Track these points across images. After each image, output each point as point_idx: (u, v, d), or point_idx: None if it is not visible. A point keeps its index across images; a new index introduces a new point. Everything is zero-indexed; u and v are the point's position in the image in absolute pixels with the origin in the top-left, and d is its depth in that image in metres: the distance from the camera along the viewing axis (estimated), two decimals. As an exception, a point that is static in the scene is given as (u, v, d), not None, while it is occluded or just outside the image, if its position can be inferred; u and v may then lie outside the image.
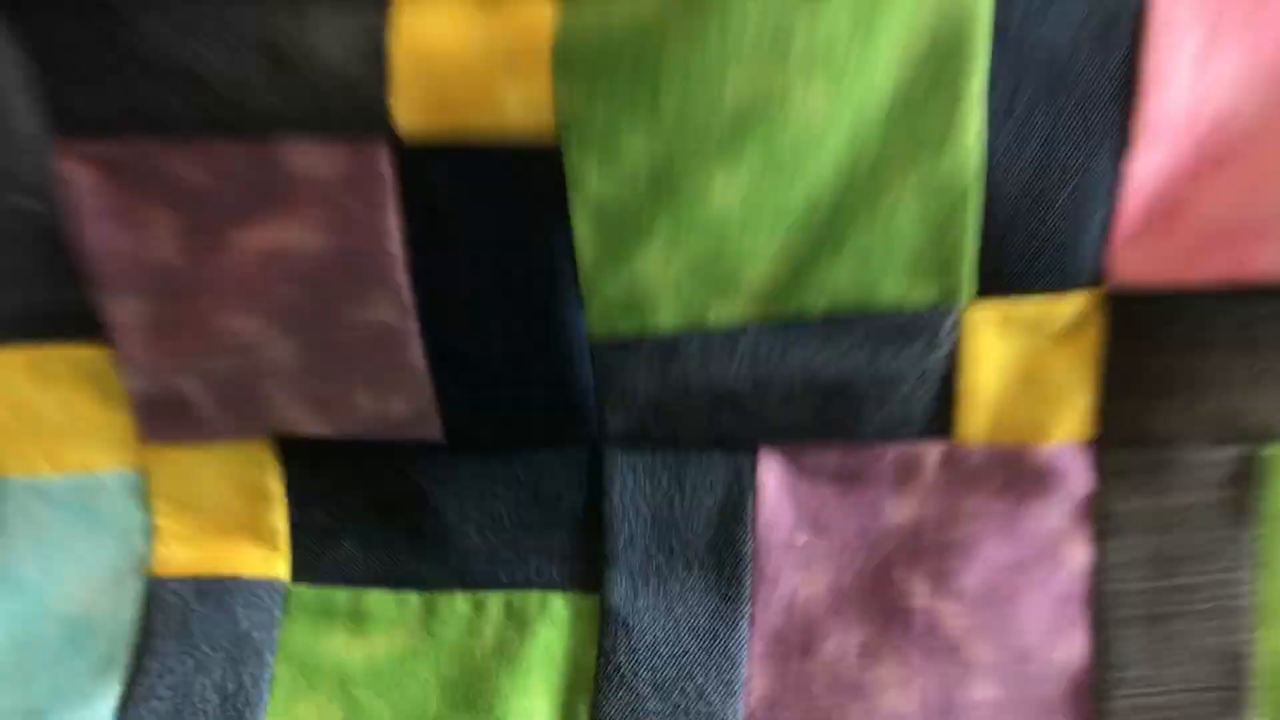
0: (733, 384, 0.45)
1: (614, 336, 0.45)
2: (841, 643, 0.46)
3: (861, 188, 0.41)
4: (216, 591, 0.48)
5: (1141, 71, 0.40)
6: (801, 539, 0.46)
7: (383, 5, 0.40)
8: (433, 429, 0.46)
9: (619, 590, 0.47)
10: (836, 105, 0.40)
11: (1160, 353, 0.43)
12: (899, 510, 0.45)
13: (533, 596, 0.48)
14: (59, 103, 0.41)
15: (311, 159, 0.42)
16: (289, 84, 0.41)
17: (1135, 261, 0.42)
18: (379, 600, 0.49)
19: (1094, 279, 0.43)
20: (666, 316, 0.44)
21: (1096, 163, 0.41)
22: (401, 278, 0.44)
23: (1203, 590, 0.44)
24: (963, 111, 0.40)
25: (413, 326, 0.45)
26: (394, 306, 0.44)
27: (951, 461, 0.44)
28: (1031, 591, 0.44)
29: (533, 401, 0.46)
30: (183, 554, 0.49)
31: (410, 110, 0.41)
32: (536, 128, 0.41)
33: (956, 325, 0.43)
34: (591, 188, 0.42)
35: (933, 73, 0.40)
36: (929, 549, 0.45)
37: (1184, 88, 0.40)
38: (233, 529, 0.49)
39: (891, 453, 0.45)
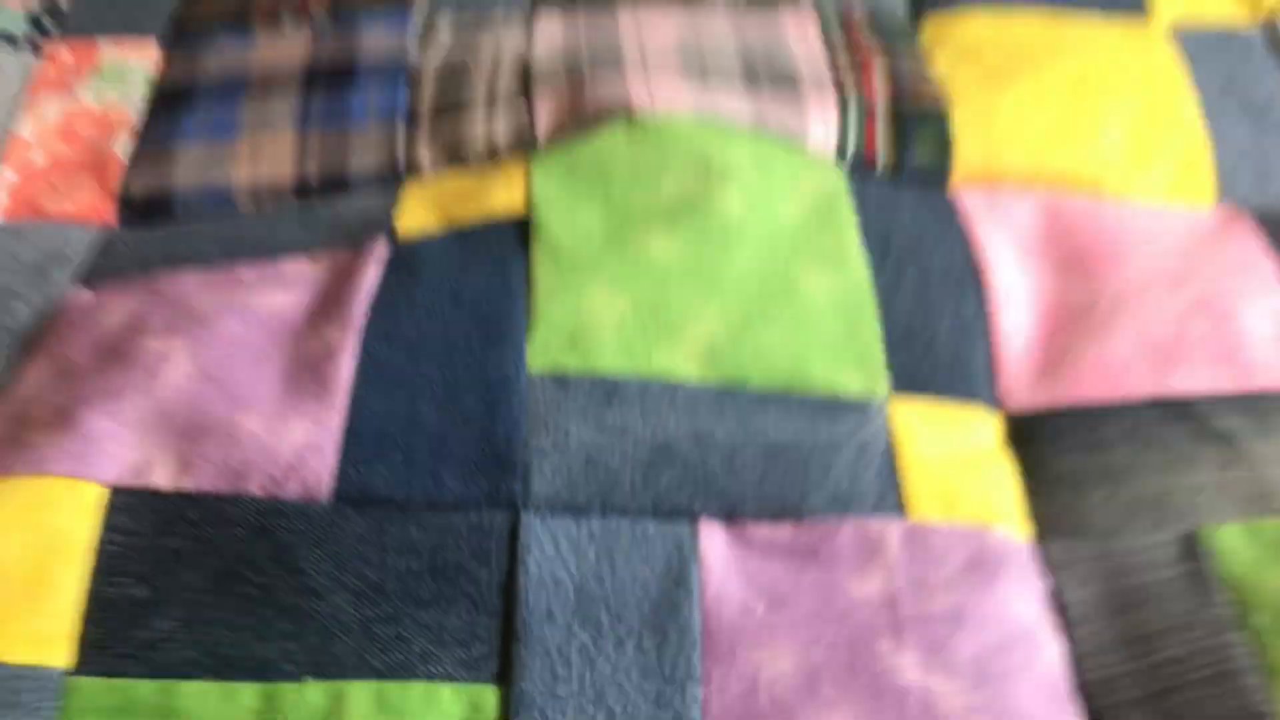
0: (673, 435, 0.42)
1: (555, 370, 0.43)
2: None
3: (781, 273, 0.47)
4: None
5: (980, 261, 0.50)
6: (759, 609, 0.39)
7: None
8: (323, 469, 0.39)
9: (533, 675, 0.37)
10: (750, 211, 0.48)
11: (1070, 456, 0.44)
12: (864, 585, 0.40)
13: (414, 688, 0.36)
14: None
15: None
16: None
17: (1031, 387, 0.47)
18: (198, 694, 0.35)
19: (998, 398, 0.46)
20: (610, 356, 0.44)
21: (964, 307, 0.48)
22: (359, 305, 0.44)
23: (1193, 659, 0.39)
24: (846, 246, 0.49)
25: (350, 339, 0.42)
26: (340, 326, 0.43)
27: (914, 540, 0.41)
28: (1022, 674, 0.38)
29: (453, 439, 0.41)
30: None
31: (410, 219, 0.49)
32: (509, 210, 0.48)
33: (884, 412, 0.44)
34: (551, 233, 0.47)
35: (821, 217, 0.50)
36: (912, 620, 0.39)
37: (1014, 271, 0.50)
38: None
39: (848, 528, 0.41)
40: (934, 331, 0.47)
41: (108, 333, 0.42)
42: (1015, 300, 0.49)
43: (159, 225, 0.50)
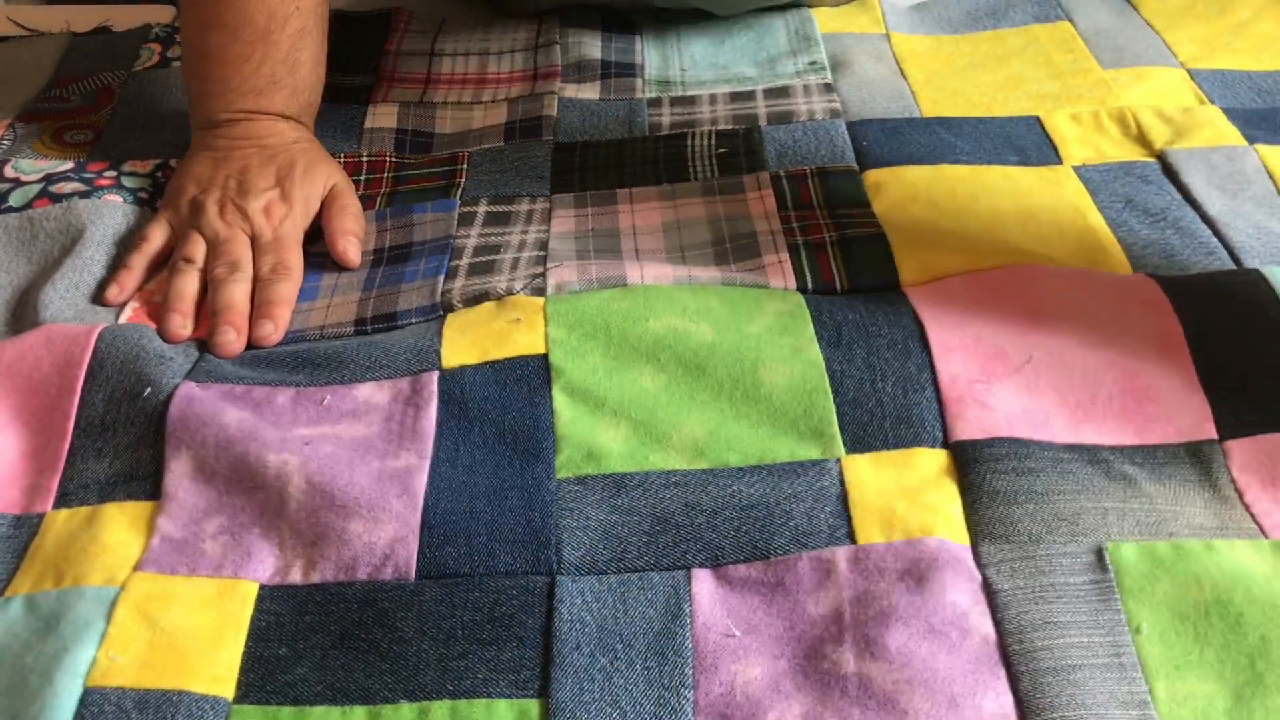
0: (669, 509, 0.55)
1: (577, 475, 0.57)
2: (783, 714, 0.48)
3: (749, 376, 0.61)
4: (158, 703, 0.48)
5: (923, 326, 0.63)
6: (737, 634, 0.51)
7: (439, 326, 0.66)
8: (409, 556, 0.54)
9: (566, 689, 0.49)
10: (719, 336, 0.63)
11: (1002, 477, 0.56)
12: (820, 605, 0.51)
13: (479, 704, 0.49)
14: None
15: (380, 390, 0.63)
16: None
17: (972, 421, 0.59)
18: (323, 715, 0.49)
19: (944, 434, 0.59)
20: (617, 463, 0.58)
21: (909, 365, 0.61)
22: (427, 440, 0.59)
23: (1094, 648, 0.49)
24: (801, 343, 0.63)
25: (425, 464, 0.58)
26: (415, 454, 0.58)
27: (859, 559, 0.53)
28: (950, 653, 0.49)
29: (503, 526, 0.55)
30: (130, 668, 0.50)
31: (453, 356, 0.63)
32: (532, 350, 0.63)
33: (838, 466, 0.57)
34: (567, 374, 0.62)
35: (781, 327, 0.64)
36: (852, 625, 0.50)
37: (954, 330, 0.62)
38: (187, 649, 0.51)
39: (805, 559, 0.53)
40: (881, 393, 0.60)
41: (232, 439, 0.58)
42: (956, 350, 0.61)
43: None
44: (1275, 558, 0.52)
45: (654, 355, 0.62)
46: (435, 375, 0.62)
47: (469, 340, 0.64)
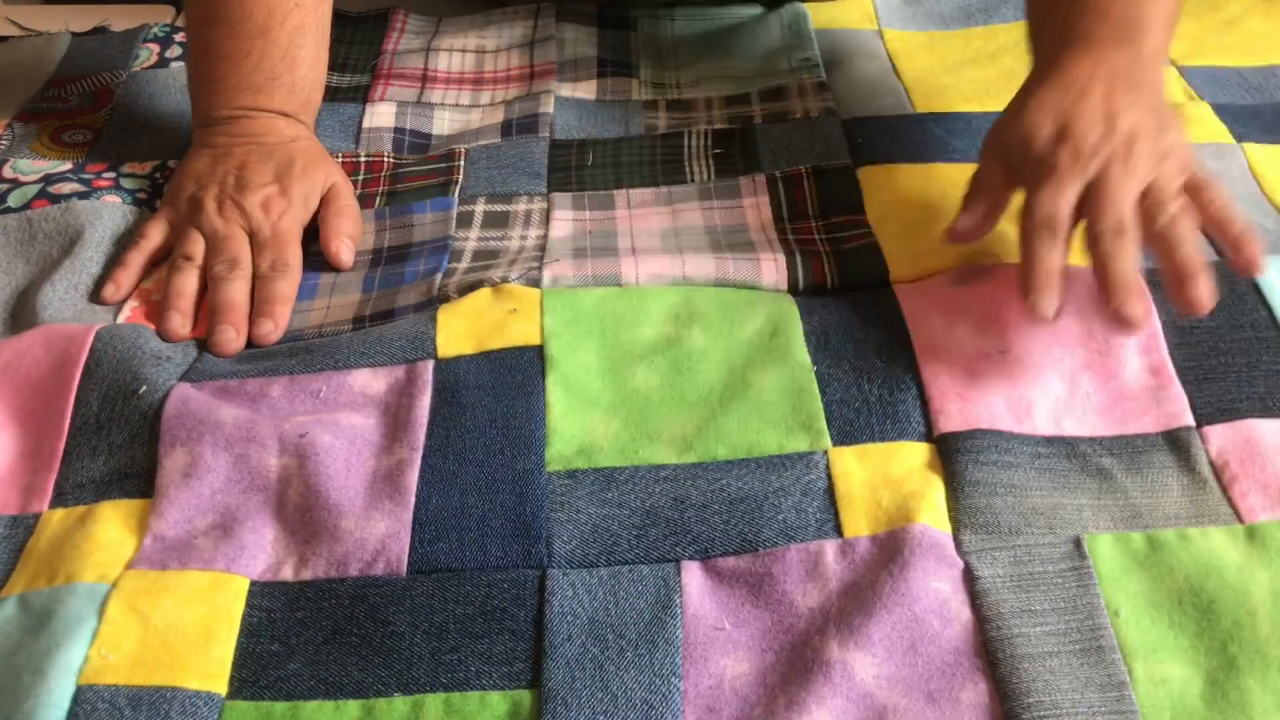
0: (658, 502, 0.56)
1: (568, 469, 0.58)
2: (770, 705, 0.48)
3: (738, 379, 0.62)
4: (151, 699, 0.49)
5: (909, 326, 0.64)
6: (726, 626, 0.51)
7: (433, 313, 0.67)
8: (401, 551, 0.54)
9: (557, 679, 0.50)
10: (710, 341, 0.64)
11: (984, 468, 0.56)
12: (807, 597, 0.52)
13: (472, 696, 0.49)
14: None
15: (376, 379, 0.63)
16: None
17: (955, 414, 0.59)
18: (316, 709, 0.49)
19: (928, 429, 0.59)
20: (607, 458, 0.58)
21: (895, 365, 0.63)
22: (420, 429, 0.60)
23: (1071, 634, 0.50)
24: (791, 346, 0.64)
25: (417, 456, 0.58)
26: (408, 447, 0.59)
27: (845, 552, 0.53)
28: (929, 644, 0.50)
29: (493, 520, 0.55)
30: (122, 665, 0.50)
31: (448, 345, 0.64)
32: (527, 340, 0.64)
33: (825, 460, 0.58)
34: (561, 367, 0.62)
35: (773, 329, 0.65)
36: (837, 617, 0.51)
37: (942, 331, 0.62)
38: (179, 645, 0.51)
39: (794, 551, 0.53)
40: (867, 393, 0.61)
41: (228, 437, 0.58)
42: (941, 348, 0.62)
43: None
44: (1248, 544, 0.53)
45: (647, 359, 0.63)
46: (430, 364, 0.63)
47: (464, 329, 0.65)
